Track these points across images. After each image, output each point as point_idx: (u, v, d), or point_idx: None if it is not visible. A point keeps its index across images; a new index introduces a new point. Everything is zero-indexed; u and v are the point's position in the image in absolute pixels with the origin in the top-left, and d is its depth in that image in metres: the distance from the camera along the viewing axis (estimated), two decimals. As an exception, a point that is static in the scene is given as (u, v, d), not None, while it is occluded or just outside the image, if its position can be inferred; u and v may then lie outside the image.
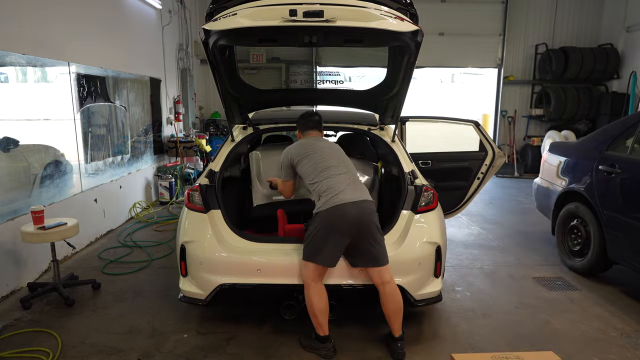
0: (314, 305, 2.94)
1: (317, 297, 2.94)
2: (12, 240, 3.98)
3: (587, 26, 10.71)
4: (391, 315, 2.99)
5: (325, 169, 3.10)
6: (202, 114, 10.52)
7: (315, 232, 2.94)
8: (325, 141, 3.39)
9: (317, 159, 3.17)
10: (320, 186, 3.04)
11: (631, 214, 3.78)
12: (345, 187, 3.00)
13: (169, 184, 7.27)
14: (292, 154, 3.28)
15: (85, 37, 5.27)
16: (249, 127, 4.03)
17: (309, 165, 3.16)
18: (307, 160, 3.18)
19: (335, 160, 3.19)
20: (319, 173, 3.09)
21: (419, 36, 2.82)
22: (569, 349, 3.17)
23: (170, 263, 4.74)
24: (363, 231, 2.93)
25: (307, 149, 3.25)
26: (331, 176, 3.06)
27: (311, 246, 2.96)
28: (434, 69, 12.39)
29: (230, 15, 2.75)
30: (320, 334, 3.01)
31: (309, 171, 3.15)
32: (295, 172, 3.31)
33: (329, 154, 3.21)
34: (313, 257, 2.93)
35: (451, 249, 5.22)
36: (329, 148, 3.29)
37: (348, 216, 2.89)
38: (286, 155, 3.32)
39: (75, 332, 3.36)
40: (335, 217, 2.90)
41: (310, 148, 3.25)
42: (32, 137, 4.36)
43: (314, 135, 3.43)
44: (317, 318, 2.97)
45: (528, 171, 10.51)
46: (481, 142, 4.82)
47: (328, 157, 3.19)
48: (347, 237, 2.92)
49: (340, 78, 10.36)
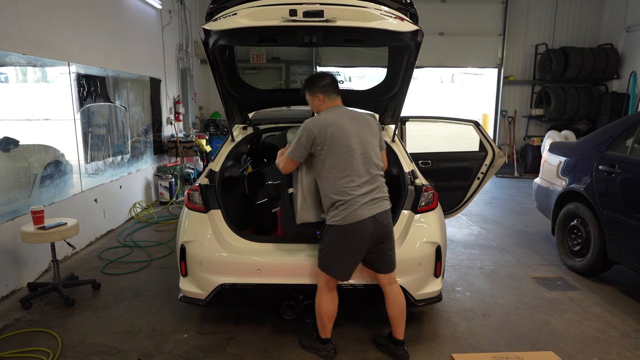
0: (323, 310, 2.92)
1: (328, 303, 2.91)
2: (12, 240, 3.98)
3: (587, 26, 10.72)
4: (397, 317, 2.98)
5: (348, 175, 2.75)
6: (202, 114, 10.53)
7: (331, 245, 2.80)
8: (355, 121, 2.85)
9: (341, 155, 2.75)
10: (338, 194, 2.74)
11: (631, 214, 3.78)
12: (366, 199, 2.75)
13: (169, 184, 7.27)
14: (315, 135, 2.75)
15: (85, 37, 5.27)
16: (249, 127, 4.03)
17: (331, 162, 2.76)
18: (331, 154, 2.75)
19: (361, 158, 2.79)
20: (340, 178, 2.75)
21: (419, 36, 2.81)
22: (569, 349, 3.17)
23: (170, 263, 4.74)
24: (381, 244, 2.87)
25: (334, 133, 2.75)
26: (353, 187, 2.74)
27: (327, 258, 2.84)
28: (434, 69, 12.41)
29: (230, 15, 2.75)
30: (323, 336, 3.01)
31: (328, 168, 2.77)
32: (309, 155, 2.85)
33: (354, 150, 2.77)
34: (327, 269, 2.85)
35: (451, 249, 5.22)
36: (356, 136, 2.80)
37: (367, 232, 2.75)
38: (309, 132, 2.77)
39: (75, 332, 3.36)
40: (354, 235, 2.74)
41: (337, 133, 2.75)
42: (32, 137, 4.36)
43: (338, 105, 2.95)
44: (323, 321, 2.95)
45: (528, 171, 10.52)
46: (481, 142, 4.82)
47: (353, 153, 2.76)
48: (365, 251, 2.84)
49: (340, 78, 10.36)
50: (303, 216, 2.96)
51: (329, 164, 2.77)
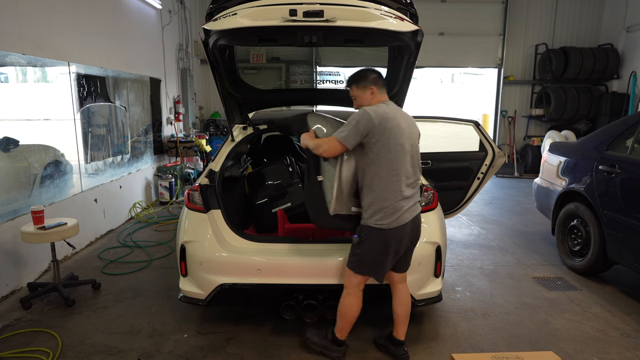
0: (350, 312, 2.87)
1: (356, 304, 2.87)
2: (12, 240, 3.98)
3: (587, 26, 10.72)
4: (403, 316, 2.97)
5: (398, 174, 2.67)
6: (202, 114, 10.53)
7: (373, 247, 2.73)
8: (406, 120, 2.75)
9: (395, 153, 2.65)
10: (387, 196, 2.66)
11: (631, 214, 3.78)
12: (410, 203, 2.74)
13: (169, 184, 7.27)
14: (375, 125, 2.61)
15: (85, 37, 5.27)
16: (249, 127, 4.03)
17: (384, 158, 2.64)
18: (385, 150, 2.63)
19: (410, 159, 2.72)
20: (391, 176, 2.66)
21: (419, 36, 2.81)
22: (569, 349, 3.17)
23: (170, 263, 4.74)
24: (412, 244, 2.88)
25: (392, 129, 2.63)
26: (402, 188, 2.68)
27: (364, 260, 2.77)
28: (434, 69, 12.40)
29: (230, 15, 2.75)
30: (341, 337, 2.97)
31: (380, 164, 2.65)
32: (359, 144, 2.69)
33: (406, 149, 2.69)
34: (364, 270, 2.80)
35: (451, 249, 5.22)
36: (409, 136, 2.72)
37: (407, 235, 2.77)
38: (369, 120, 2.61)
39: (75, 332, 3.36)
40: (396, 238, 2.73)
41: (395, 130, 2.64)
42: (32, 137, 4.36)
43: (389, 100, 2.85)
44: (346, 322, 2.91)
45: (528, 171, 10.52)
46: (481, 142, 4.82)
47: (405, 153, 2.69)
48: (402, 252, 2.85)
49: (340, 78, 10.35)
50: (338, 207, 2.79)
51: (382, 160, 2.65)
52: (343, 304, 2.89)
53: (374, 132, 2.61)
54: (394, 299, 2.98)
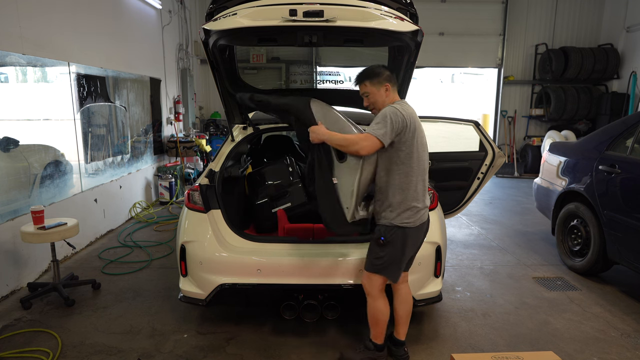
0: (381, 316, 2.83)
1: (385, 307, 2.83)
2: (12, 240, 3.98)
3: (587, 26, 10.72)
4: (404, 316, 2.96)
5: (423, 174, 2.68)
6: (202, 114, 10.53)
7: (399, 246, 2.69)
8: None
9: (421, 153, 2.67)
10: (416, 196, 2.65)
11: (631, 214, 3.78)
12: (428, 202, 2.78)
13: (169, 184, 7.27)
14: (407, 125, 2.57)
15: (85, 37, 5.27)
16: (249, 127, 4.03)
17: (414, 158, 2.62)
18: (415, 150, 2.62)
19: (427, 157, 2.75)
20: (421, 176, 2.67)
21: (419, 36, 2.81)
22: (569, 349, 3.17)
23: (170, 263, 4.74)
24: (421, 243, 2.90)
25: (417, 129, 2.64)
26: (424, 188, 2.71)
27: (389, 261, 2.71)
28: (434, 69, 12.40)
29: (230, 15, 2.75)
30: (379, 342, 2.94)
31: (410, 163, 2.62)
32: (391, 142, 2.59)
33: (426, 150, 2.74)
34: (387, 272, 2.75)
35: (451, 249, 5.22)
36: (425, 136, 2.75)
37: (424, 233, 2.81)
38: (401, 119, 2.56)
39: (75, 332, 3.36)
40: (419, 235, 2.76)
41: (420, 129, 2.66)
42: (32, 137, 4.36)
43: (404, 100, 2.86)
44: (380, 327, 2.88)
45: (528, 171, 10.52)
46: (481, 142, 4.82)
47: (426, 153, 2.73)
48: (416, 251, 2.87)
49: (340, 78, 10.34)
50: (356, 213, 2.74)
51: (414, 159, 2.62)
52: (372, 311, 2.83)
53: (406, 130, 2.57)
54: (395, 298, 2.97)
